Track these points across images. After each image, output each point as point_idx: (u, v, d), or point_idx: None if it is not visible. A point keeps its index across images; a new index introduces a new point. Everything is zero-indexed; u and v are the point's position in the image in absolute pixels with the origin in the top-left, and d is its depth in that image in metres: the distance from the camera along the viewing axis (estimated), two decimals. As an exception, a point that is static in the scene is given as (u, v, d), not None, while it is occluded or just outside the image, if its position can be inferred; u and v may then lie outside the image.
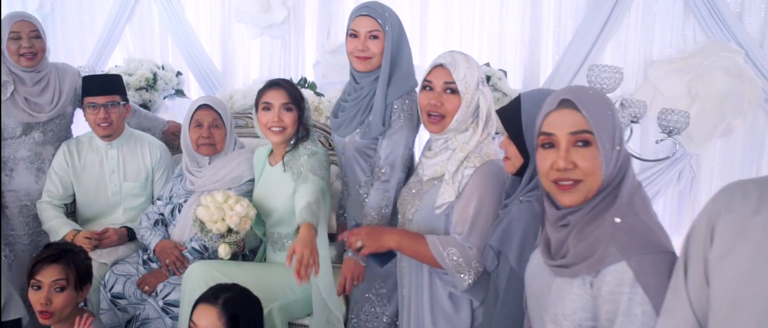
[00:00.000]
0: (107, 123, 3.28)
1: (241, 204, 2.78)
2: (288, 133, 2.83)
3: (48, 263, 2.52)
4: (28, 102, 3.33)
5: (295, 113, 2.83)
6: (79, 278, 2.55)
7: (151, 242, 3.12)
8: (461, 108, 2.36)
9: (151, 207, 3.28)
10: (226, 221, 2.75)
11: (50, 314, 2.51)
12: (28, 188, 3.42)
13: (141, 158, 3.40)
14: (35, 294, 2.52)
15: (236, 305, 2.34)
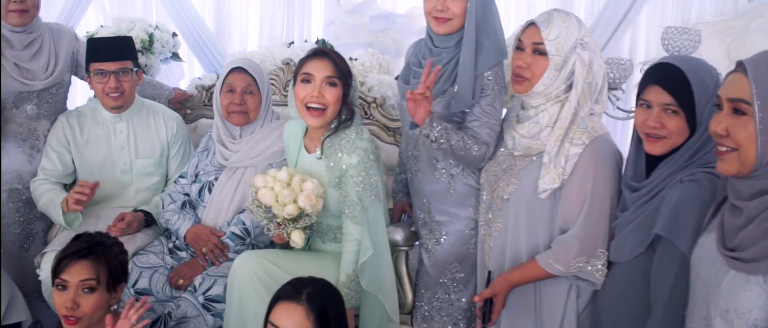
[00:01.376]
0: (118, 93, 2.82)
1: (311, 181, 2.37)
2: (329, 115, 2.39)
3: (75, 260, 2.12)
4: (18, 68, 2.84)
5: (340, 90, 2.40)
6: (111, 277, 2.16)
7: (180, 228, 2.71)
8: (548, 71, 2.15)
9: (173, 186, 2.86)
10: (298, 203, 2.34)
11: (77, 319, 2.11)
12: (19, 169, 2.94)
13: (154, 132, 2.96)
14: (60, 296, 2.12)
15: (323, 300, 2.00)
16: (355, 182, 2.37)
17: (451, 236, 2.48)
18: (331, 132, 2.44)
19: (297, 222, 2.38)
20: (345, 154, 2.39)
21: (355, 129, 2.44)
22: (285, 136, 2.65)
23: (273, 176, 2.39)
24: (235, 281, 2.43)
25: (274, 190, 2.35)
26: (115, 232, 2.70)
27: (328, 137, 2.44)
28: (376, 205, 2.40)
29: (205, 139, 2.90)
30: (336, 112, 2.41)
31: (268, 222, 2.38)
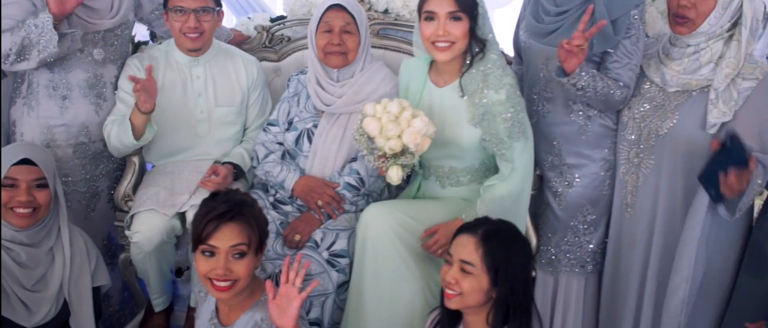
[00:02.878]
0: (197, 34, 2.55)
1: (421, 119, 2.21)
2: (457, 48, 2.28)
3: (225, 222, 1.90)
4: (83, 7, 2.51)
5: (466, 23, 2.26)
6: (260, 239, 1.98)
7: (285, 180, 2.51)
8: (716, 10, 2.12)
9: (264, 135, 2.63)
10: (402, 139, 2.18)
11: (231, 284, 1.91)
12: (86, 120, 2.63)
13: (234, 77, 2.71)
14: (207, 262, 1.93)
15: (499, 240, 1.93)
16: (503, 118, 2.25)
17: (584, 178, 2.41)
18: (467, 68, 2.31)
19: (398, 158, 2.22)
20: (492, 90, 2.27)
21: (499, 65, 2.31)
22: (403, 74, 2.51)
23: (383, 106, 2.24)
24: (367, 236, 2.27)
25: (381, 121, 2.20)
26: (210, 187, 2.49)
27: (466, 73, 2.31)
28: (522, 142, 2.29)
29: (294, 83, 2.67)
30: (465, 45, 2.29)
31: (368, 153, 2.25)
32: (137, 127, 2.44)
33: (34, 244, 2.23)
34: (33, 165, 2.18)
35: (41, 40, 2.38)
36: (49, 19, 2.35)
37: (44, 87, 2.56)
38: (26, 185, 2.16)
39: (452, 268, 1.93)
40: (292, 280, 1.89)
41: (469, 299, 1.90)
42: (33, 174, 2.18)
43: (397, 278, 2.26)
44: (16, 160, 2.17)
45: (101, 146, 2.68)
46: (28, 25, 2.37)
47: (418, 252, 2.30)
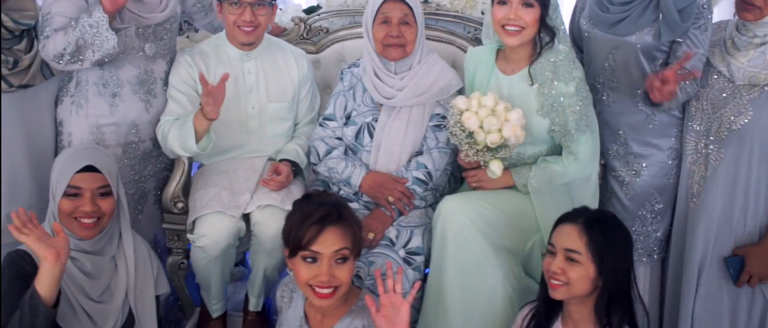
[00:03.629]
0: (252, 27, 2.47)
1: (516, 111, 2.25)
2: (527, 34, 2.29)
3: (327, 227, 1.85)
4: (133, 1, 2.40)
5: (537, 10, 2.27)
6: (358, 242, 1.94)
7: (352, 177, 2.45)
8: None
9: (321, 131, 2.56)
10: (502, 132, 2.20)
11: (333, 290, 1.87)
12: (136, 118, 2.52)
13: (285, 71, 2.63)
14: (310, 269, 1.87)
15: (601, 227, 1.92)
16: (572, 110, 2.28)
17: (652, 167, 2.43)
18: (536, 56, 2.32)
19: (496, 151, 2.26)
20: (561, 82, 2.29)
21: (569, 57, 2.32)
22: (469, 62, 2.51)
23: (478, 100, 2.26)
24: (447, 230, 2.24)
25: (479, 115, 2.22)
26: (273, 187, 2.42)
27: (535, 62, 2.32)
28: (588, 135, 2.32)
29: (348, 76, 2.61)
30: (535, 32, 2.31)
31: (467, 148, 2.26)
32: (199, 133, 2.35)
33: (97, 252, 2.13)
34: (96, 172, 2.06)
35: (96, 40, 2.27)
36: (104, 19, 2.25)
37: (94, 84, 2.44)
38: (90, 193, 2.03)
39: (556, 258, 1.91)
40: (391, 287, 1.85)
41: (575, 288, 1.89)
42: (97, 182, 2.06)
43: (479, 270, 2.24)
44: (79, 167, 2.05)
45: (150, 146, 2.58)
46: (82, 25, 2.26)
47: (495, 243, 2.28)
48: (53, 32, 2.30)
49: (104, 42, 2.27)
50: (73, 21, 2.29)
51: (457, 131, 2.25)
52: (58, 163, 2.13)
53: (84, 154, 2.12)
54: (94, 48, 2.28)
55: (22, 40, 2.38)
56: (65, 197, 2.04)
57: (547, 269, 1.93)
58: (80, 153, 2.13)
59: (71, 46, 2.28)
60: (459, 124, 2.24)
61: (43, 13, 2.36)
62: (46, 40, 2.32)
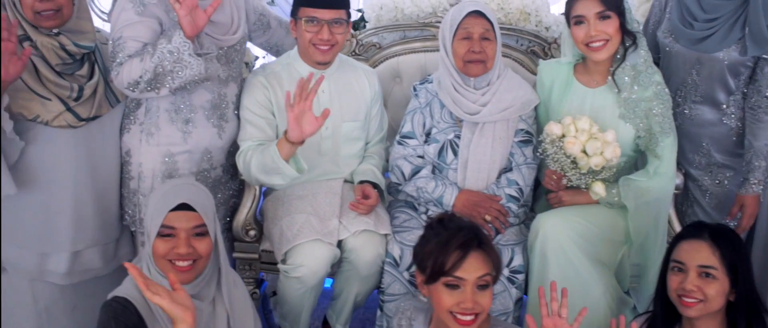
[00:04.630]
0: (328, 46, 2.37)
1: (611, 131, 2.28)
2: (613, 45, 2.31)
3: (470, 252, 1.79)
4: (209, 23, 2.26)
5: (616, 20, 2.29)
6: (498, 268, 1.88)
7: (444, 196, 2.38)
8: None
9: (401, 149, 2.48)
10: (605, 155, 2.22)
11: (476, 317, 1.80)
12: (209, 145, 2.39)
13: (358, 90, 2.54)
14: (452, 296, 1.80)
15: (727, 240, 1.91)
16: (654, 113, 2.31)
17: (737, 176, 2.45)
18: (618, 62, 2.34)
19: (597, 174, 2.29)
20: (640, 87, 2.32)
21: (648, 62, 2.35)
22: (544, 77, 2.50)
23: (574, 124, 2.27)
24: (547, 247, 2.22)
25: (580, 140, 2.23)
26: (363, 211, 2.34)
27: (617, 69, 2.34)
28: (671, 138, 2.34)
29: (423, 93, 2.54)
30: (619, 41, 2.32)
31: (570, 171, 2.27)
32: (284, 158, 2.23)
33: (195, 296, 1.91)
34: (191, 210, 1.88)
35: (176, 67, 2.14)
36: (186, 45, 2.12)
37: (165, 111, 2.31)
38: (185, 233, 1.86)
39: (689, 276, 1.89)
40: (557, 311, 1.80)
41: (712, 304, 1.87)
42: (192, 221, 1.86)
43: (581, 285, 2.22)
44: (173, 205, 1.87)
45: (220, 173, 2.46)
46: (161, 51, 2.12)
47: (592, 257, 2.27)
48: (127, 58, 2.16)
49: (186, 68, 2.14)
50: (149, 46, 2.15)
51: (561, 157, 2.25)
52: (152, 200, 1.96)
53: (178, 192, 1.93)
54: (173, 75, 2.15)
55: (83, 64, 2.23)
56: (159, 238, 1.87)
57: (679, 288, 1.89)
58: (174, 190, 1.95)
59: (148, 74, 2.14)
60: (561, 149, 2.24)
61: (113, 38, 2.21)
62: (119, 66, 2.17)
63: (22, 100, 2.12)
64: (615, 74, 2.34)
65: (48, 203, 2.22)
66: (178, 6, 2.07)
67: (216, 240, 1.94)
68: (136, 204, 2.36)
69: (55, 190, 2.22)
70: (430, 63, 2.92)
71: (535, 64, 2.90)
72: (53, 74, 2.15)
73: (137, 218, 2.37)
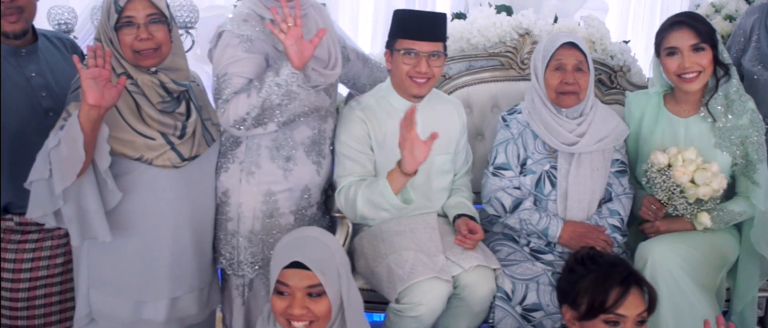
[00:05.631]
0: (426, 79, 2.33)
1: (715, 164, 2.30)
2: (706, 76, 2.36)
3: (632, 288, 1.78)
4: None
5: (709, 52, 2.34)
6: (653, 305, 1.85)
7: (549, 228, 2.35)
8: None
9: (498, 181, 2.44)
10: (712, 186, 2.25)
11: None
12: (309, 182, 2.32)
13: (449, 122, 2.49)
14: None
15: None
16: (750, 141, 2.35)
17: None
18: (711, 92, 2.39)
19: (703, 203, 2.31)
20: (734, 116, 2.37)
21: (740, 90, 2.39)
22: (633, 108, 2.53)
23: (681, 154, 2.29)
24: (658, 276, 2.21)
25: (689, 169, 2.26)
26: (470, 245, 2.28)
27: (711, 99, 2.38)
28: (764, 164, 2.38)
29: (513, 123, 2.51)
30: (711, 73, 2.37)
31: (678, 201, 2.28)
32: (395, 192, 2.17)
33: None
34: (307, 269, 1.75)
35: (284, 100, 2.07)
36: (294, 76, 2.05)
37: (266, 148, 2.22)
38: (300, 293, 1.75)
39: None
40: None
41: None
42: (306, 280, 1.74)
43: (691, 312, 2.21)
44: (286, 262, 1.76)
45: (316, 210, 2.38)
46: (269, 85, 2.05)
47: (699, 282, 2.27)
48: (233, 95, 2.08)
49: (294, 100, 2.07)
50: (256, 81, 2.08)
51: (670, 186, 2.25)
52: (276, 249, 1.87)
53: (296, 246, 1.81)
54: (282, 109, 2.08)
55: (181, 102, 2.14)
56: (276, 294, 1.78)
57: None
58: (294, 243, 1.83)
59: (256, 110, 2.06)
60: (671, 179, 2.24)
61: (218, 75, 2.12)
62: (225, 104, 2.08)
63: (125, 140, 2.02)
64: (709, 105, 2.37)
65: (147, 247, 2.11)
66: (283, 36, 2.01)
67: (341, 298, 1.81)
68: (234, 246, 2.26)
69: (154, 234, 2.11)
70: (501, 93, 2.91)
71: (602, 92, 2.93)
72: (156, 112, 2.06)
73: (235, 261, 2.27)
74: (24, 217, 2.14)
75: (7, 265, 2.17)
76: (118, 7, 2.01)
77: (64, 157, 1.85)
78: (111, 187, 1.95)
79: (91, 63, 1.85)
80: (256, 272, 2.27)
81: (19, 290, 2.18)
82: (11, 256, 2.17)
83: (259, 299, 2.30)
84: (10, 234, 2.16)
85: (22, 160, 2.09)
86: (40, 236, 2.19)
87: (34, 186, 1.92)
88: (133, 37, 2.02)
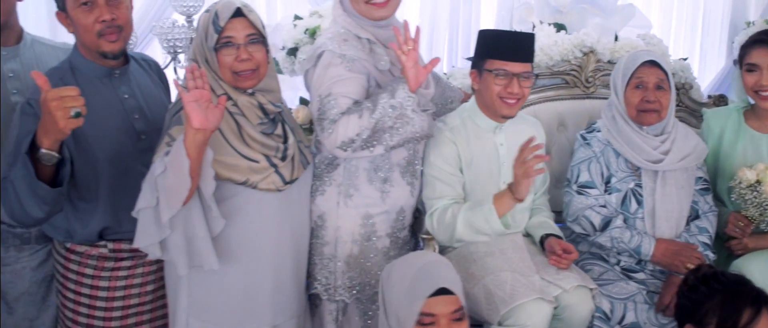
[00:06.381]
0: (516, 100, 2.32)
1: None
2: None
3: (764, 309, 1.77)
4: None
5: None
6: None
7: (642, 246, 2.35)
8: None
9: (584, 199, 2.44)
10: None
11: None
12: (404, 204, 2.29)
13: (530, 141, 2.49)
14: None
15: None
16: None
17: None
18: None
19: None
20: None
21: None
22: (713, 124, 2.60)
23: None
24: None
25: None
26: (565, 265, 2.27)
27: None
28: None
29: (594, 141, 2.52)
30: None
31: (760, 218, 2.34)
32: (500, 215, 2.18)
33: None
34: (450, 293, 1.74)
35: (397, 123, 2.04)
36: (410, 100, 2.03)
37: (364, 170, 2.20)
38: (446, 320, 1.71)
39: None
40: None
41: None
42: (452, 305, 1.71)
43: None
44: (432, 291, 1.72)
45: (407, 233, 2.35)
46: (383, 106, 2.02)
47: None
48: (341, 116, 2.04)
49: (407, 125, 2.05)
50: (368, 102, 2.05)
51: (763, 201, 2.29)
52: (400, 284, 1.79)
53: (433, 273, 1.77)
54: (393, 132, 2.05)
55: (277, 124, 2.09)
56: (419, 326, 1.72)
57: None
58: (428, 270, 1.78)
59: (367, 132, 2.03)
60: (762, 195, 2.28)
61: (321, 95, 2.08)
62: (332, 124, 2.05)
63: (229, 163, 1.96)
64: None
65: (250, 274, 2.05)
66: (404, 58, 1.99)
67: None
68: (331, 271, 2.22)
69: (257, 260, 2.05)
70: (567, 111, 2.92)
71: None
72: (258, 133, 2.01)
73: (332, 286, 2.23)
74: (118, 243, 2.09)
75: (101, 293, 2.10)
76: (219, 27, 1.96)
77: (170, 185, 1.78)
78: (215, 213, 1.88)
79: (191, 85, 1.79)
80: (353, 296, 2.23)
81: (112, 318, 2.12)
82: (105, 284, 2.10)
83: (353, 324, 2.27)
84: (104, 261, 2.10)
85: (119, 184, 2.04)
86: (133, 262, 2.13)
87: (142, 215, 1.84)
88: (233, 57, 1.97)
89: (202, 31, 2.00)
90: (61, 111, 1.67)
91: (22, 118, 1.92)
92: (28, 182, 1.77)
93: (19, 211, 1.84)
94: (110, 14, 1.99)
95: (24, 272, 2.29)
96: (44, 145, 1.74)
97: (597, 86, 2.95)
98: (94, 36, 2.00)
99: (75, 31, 2.03)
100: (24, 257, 2.28)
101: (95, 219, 2.04)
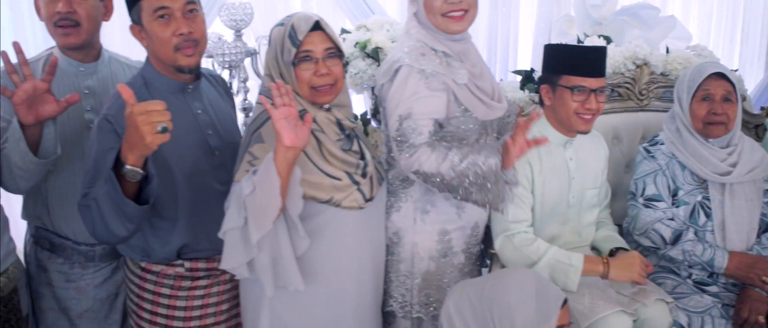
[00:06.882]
0: (591, 115, 2.30)
1: None
2: None
3: None
4: (478, 88, 2.16)
5: None
6: None
7: (715, 259, 2.35)
8: None
9: (652, 213, 2.43)
10: None
11: None
12: (478, 219, 2.27)
13: (597, 155, 2.48)
14: None
15: None
16: None
17: None
18: None
19: None
20: None
21: None
22: None
23: None
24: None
25: None
26: (643, 281, 2.25)
27: None
28: None
29: (658, 154, 2.51)
30: None
31: None
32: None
33: None
34: None
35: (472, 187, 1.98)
36: (497, 176, 1.99)
37: (441, 186, 2.16)
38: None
39: None
40: None
41: None
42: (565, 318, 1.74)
43: None
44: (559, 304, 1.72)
45: (479, 249, 2.32)
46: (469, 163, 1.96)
47: None
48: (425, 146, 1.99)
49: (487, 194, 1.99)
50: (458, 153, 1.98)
51: None
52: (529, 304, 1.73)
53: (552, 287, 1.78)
54: (467, 191, 1.99)
55: (352, 140, 2.06)
56: None
57: None
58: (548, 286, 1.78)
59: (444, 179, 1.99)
60: None
61: (401, 115, 2.03)
62: (412, 149, 2.00)
63: (313, 182, 1.92)
64: None
65: (333, 293, 2.00)
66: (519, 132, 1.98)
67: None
68: (408, 288, 2.19)
69: (340, 278, 2.00)
70: (621, 124, 2.91)
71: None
72: (338, 150, 1.98)
73: (409, 304, 2.19)
74: (195, 262, 2.05)
75: (177, 312, 2.06)
76: (297, 41, 1.92)
77: (260, 204, 1.74)
78: (301, 233, 1.85)
79: (278, 102, 1.76)
80: (430, 313, 2.20)
81: (188, 339, 2.07)
82: (182, 303, 2.06)
83: (427, 340, 2.24)
84: (181, 281, 2.05)
85: (196, 201, 2.00)
86: (209, 281, 2.09)
87: (228, 236, 1.81)
88: (312, 72, 1.94)
89: (277, 45, 1.97)
90: (148, 126, 1.62)
91: (101, 135, 1.87)
92: (114, 199, 1.72)
93: (102, 229, 1.79)
94: (188, 27, 1.94)
95: (87, 289, 2.26)
96: (129, 162, 1.69)
97: (650, 99, 2.94)
98: (171, 50, 1.95)
99: (150, 45, 1.98)
100: (88, 274, 2.25)
101: (174, 237, 2.00)
